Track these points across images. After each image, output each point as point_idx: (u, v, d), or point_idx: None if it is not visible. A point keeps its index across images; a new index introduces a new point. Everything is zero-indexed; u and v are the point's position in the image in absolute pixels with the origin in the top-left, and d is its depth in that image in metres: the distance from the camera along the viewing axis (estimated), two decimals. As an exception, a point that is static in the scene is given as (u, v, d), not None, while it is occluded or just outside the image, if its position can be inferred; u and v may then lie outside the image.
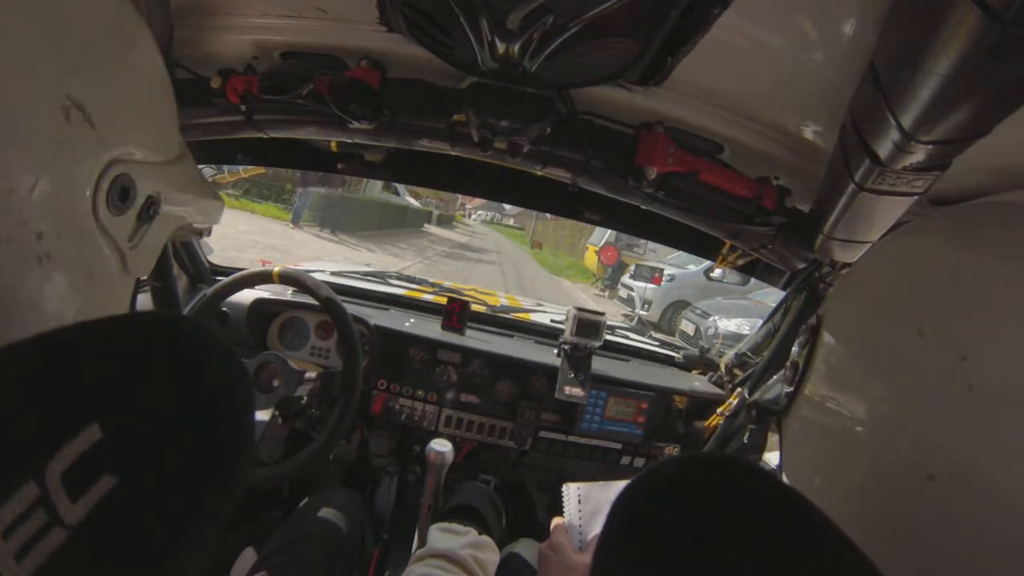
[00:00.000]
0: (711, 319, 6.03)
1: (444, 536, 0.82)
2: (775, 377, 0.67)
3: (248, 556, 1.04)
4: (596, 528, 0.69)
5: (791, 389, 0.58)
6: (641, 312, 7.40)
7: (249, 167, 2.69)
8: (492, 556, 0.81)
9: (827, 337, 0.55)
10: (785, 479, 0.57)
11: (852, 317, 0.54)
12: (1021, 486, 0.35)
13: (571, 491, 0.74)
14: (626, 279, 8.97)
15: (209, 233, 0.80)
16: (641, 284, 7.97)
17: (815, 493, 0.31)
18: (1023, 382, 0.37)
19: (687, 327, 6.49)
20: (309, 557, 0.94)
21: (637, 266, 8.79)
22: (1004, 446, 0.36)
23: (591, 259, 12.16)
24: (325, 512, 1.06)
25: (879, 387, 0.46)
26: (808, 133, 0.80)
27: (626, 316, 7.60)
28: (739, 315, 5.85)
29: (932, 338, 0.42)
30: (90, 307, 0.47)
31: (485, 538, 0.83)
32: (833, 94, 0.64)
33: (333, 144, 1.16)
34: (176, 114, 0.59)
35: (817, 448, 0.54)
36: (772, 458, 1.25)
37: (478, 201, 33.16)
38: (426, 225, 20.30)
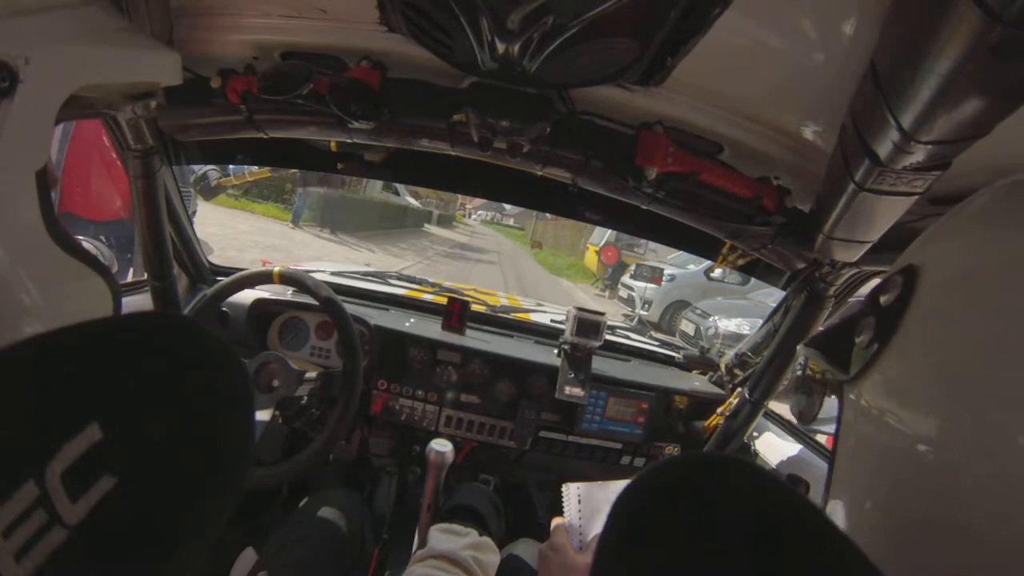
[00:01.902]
0: (711, 319, 6.02)
1: (445, 537, 0.82)
2: (834, 320, 0.53)
3: (248, 556, 1.04)
4: (596, 528, 0.69)
5: (871, 351, 0.45)
6: (641, 312, 7.39)
7: (255, 170, 2.69)
8: (493, 557, 0.81)
9: (927, 301, 0.41)
10: (838, 461, 0.48)
11: (974, 298, 0.39)
12: None
13: (571, 491, 0.74)
14: (626, 279, 8.97)
15: (158, 97, 0.63)
16: (641, 284, 7.97)
17: (866, 490, 0.27)
18: None
19: (687, 327, 6.49)
20: (309, 557, 0.94)
21: (637, 266, 8.79)
22: None
23: (591, 259, 12.16)
24: (325, 512, 1.06)
25: (986, 413, 0.35)
26: (808, 133, 0.80)
27: (626, 316, 7.60)
28: (739, 315, 5.85)
29: None
30: None
31: (486, 539, 0.83)
32: (833, 94, 0.64)
33: (332, 144, 1.16)
34: None
35: (882, 446, 0.42)
36: (772, 458, 1.25)
37: (478, 201, 33.19)
38: (426, 225, 20.30)
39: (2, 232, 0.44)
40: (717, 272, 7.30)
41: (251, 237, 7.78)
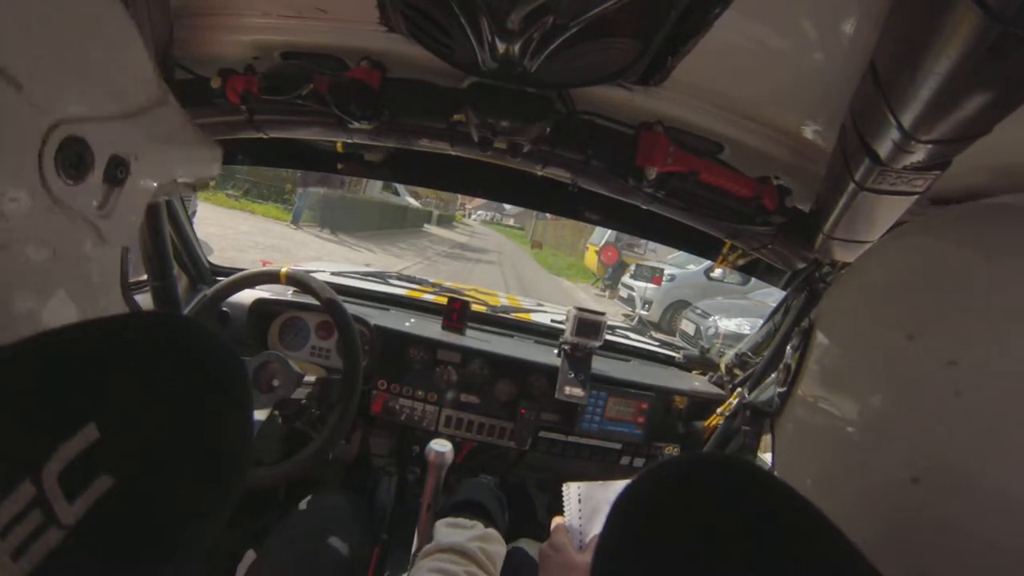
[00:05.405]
0: (711, 319, 6.02)
1: (451, 530, 0.82)
2: (769, 379, 0.69)
3: (248, 557, 1.04)
4: (596, 528, 0.69)
5: (783, 390, 0.59)
6: (641, 312, 7.39)
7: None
8: (499, 548, 0.81)
9: (820, 339, 0.56)
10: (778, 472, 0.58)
11: (844, 320, 0.56)
12: (1005, 490, 0.36)
13: (571, 491, 0.74)
14: (626, 279, 8.97)
15: (205, 186, 0.76)
16: (641, 284, 7.97)
17: (806, 493, 0.31)
18: (1010, 388, 0.37)
19: (687, 327, 6.49)
20: (309, 557, 0.94)
21: (637, 266, 8.79)
22: (989, 452, 0.37)
23: (591, 259, 12.16)
24: (325, 512, 1.06)
25: (868, 390, 0.47)
26: (808, 133, 0.80)
27: (626, 316, 7.59)
28: (739, 315, 5.85)
29: (921, 343, 0.42)
30: (66, 286, 0.44)
31: (492, 530, 0.83)
32: (833, 94, 0.64)
33: (338, 144, 1.16)
34: (147, 57, 0.52)
35: (808, 449, 0.55)
36: (769, 458, 1.25)
37: (478, 201, 33.18)
38: (426, 225, 20.30)
39: (92, 293, 0.51)
40: (717, 272, 7.30)
41: (251, 237, 7.78)
